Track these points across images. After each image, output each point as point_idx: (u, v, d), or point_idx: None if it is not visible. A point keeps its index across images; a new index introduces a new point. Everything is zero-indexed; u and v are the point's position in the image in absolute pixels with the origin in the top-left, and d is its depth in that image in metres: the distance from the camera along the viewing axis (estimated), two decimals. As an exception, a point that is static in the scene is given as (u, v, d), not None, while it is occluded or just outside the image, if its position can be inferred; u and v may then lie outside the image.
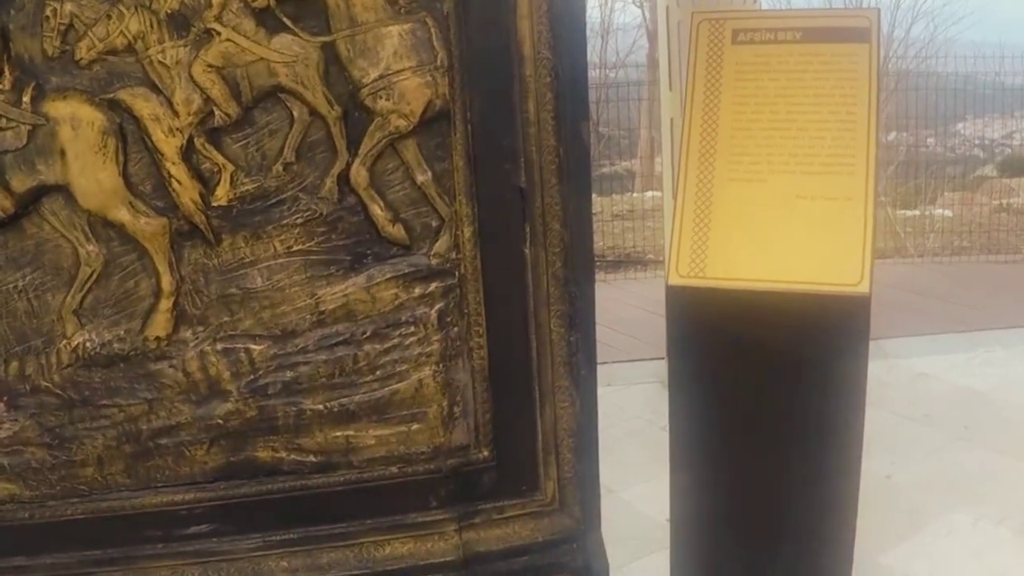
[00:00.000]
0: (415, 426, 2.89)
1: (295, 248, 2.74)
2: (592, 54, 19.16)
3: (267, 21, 2.63)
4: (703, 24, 3.26)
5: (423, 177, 2.73)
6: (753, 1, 5.46)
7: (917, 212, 13.72)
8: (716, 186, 3.08)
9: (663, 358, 4.88)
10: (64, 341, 2.74)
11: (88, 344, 2.74)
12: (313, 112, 2.67)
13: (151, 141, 2.64)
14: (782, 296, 2.94)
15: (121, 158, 2.64)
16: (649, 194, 12.86)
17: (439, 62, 2.67)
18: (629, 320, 7.70)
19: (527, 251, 2.80)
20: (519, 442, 2.94)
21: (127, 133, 2.64)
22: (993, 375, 6.67)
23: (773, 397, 3.08)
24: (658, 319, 3.61)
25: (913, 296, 8.90)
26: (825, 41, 3.20)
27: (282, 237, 2.73)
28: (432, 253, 2.78)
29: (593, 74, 18.89)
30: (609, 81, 16.86)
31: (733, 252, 3.02)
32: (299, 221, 2.73)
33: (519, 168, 2.74)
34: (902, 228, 12.26)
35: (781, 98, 3.14)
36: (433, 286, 2.80)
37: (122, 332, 2.75)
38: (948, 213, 13.61)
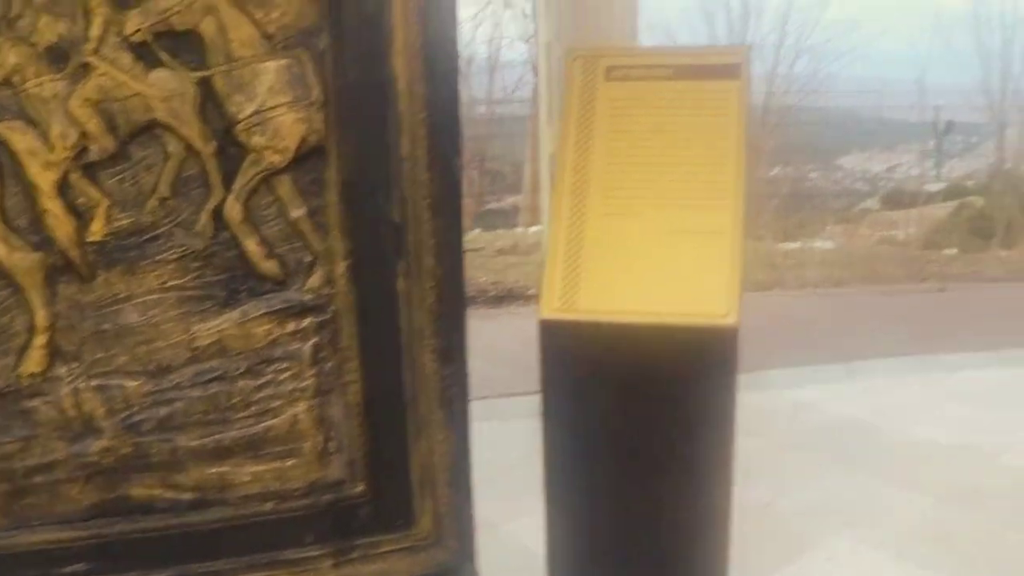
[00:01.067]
0: (290, 462, 2.87)
1: (170, 283, 2.72)
2: (479, 90, 19.31)
3: (144, 56, 2.62)
4: (578, 61, 3.32)
5: (297, 213, 2.74)
6: (632, 38, 5.51)
7: (798, 244, 13.98)
8: (589, 220, 3.13)
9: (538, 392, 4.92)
10: (-64, 379, 2.69)
11: (-39, 381, 2.69)
12: (188, 147, 2.66)
13: (27, 175, 2.60)
14: (652, 329, 2.99)
15: None
16: (533, 229, 12.96)
17: (314, 98, 2.68)
18: (511, 355, 7.66)
19: (400, 286, 2.81)
20: (395, 477, 2.94)
21: (2, 167, 2.60)
22: (870, 403, 6.84)
23: (644, 429, 3.13)
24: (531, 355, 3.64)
25: (793, 327, 9.07)
26: (697, 78, 3.26)
27: (157, 272, 2.71)
28: (306, 289, 2.78)
29: (480, 110, 19.03)
30: (496, 117, 16.98)
31: (605, 286, 3.07)
32: (174, 256, 2.71)
33: (393, 203, 2.76)
34: (783, 260, 12.46)
35: (654, 134, 3.20)
36: (307, 322, 2.80)
37: (-5, 368, 2.71)
38: (829, 245, 13.89)
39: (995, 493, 5.24)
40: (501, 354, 7.66)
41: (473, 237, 12.84)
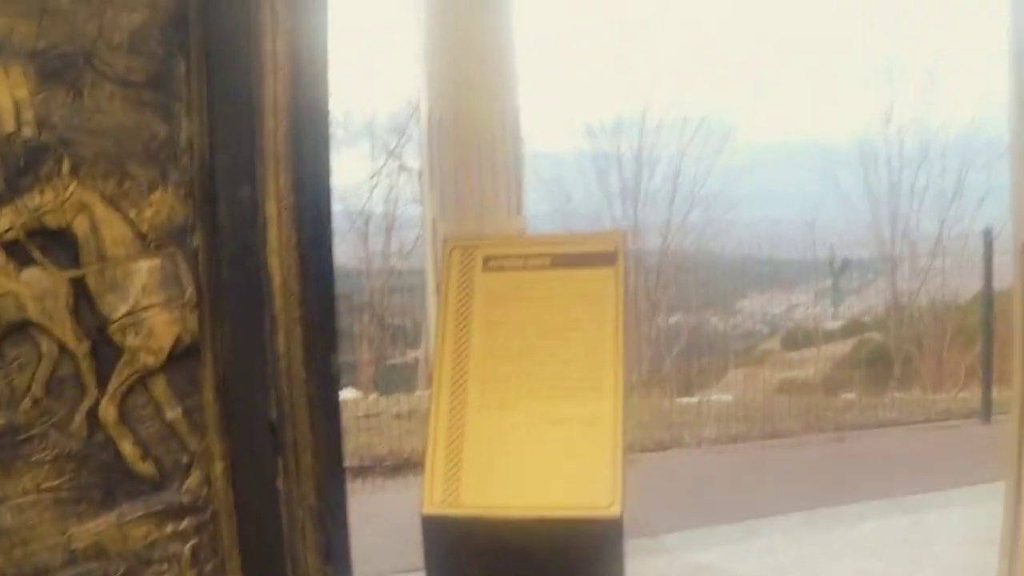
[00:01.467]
0: (179, 667, 2.78)
1: (45, 485, 2.65)
2: (377, 245, 19.39)
3: (17, 254, 2.59)
4: (455, 251, 3.35)
5: (172, 414, 2.70)
6: (518, 215, 5.57)
7: (696, 399, 14.06)
8: (468, 413, 3.14)
9: None
10: None
11: None
12: (62, 347, 2.63)
13: None
14: (537, 522, 2.98)
15: None
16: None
17: (188, 297, 2.67)
18: (408, 527, 7.63)
19: (280, 485, 2.76)
20: None
21: None
22: (771, 562, 6.89)
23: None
24: None
25: (691, 487, 9.09)
26: (573, 266, 3.31)
27: (32, 474, 2.64)
28: (183, 490, 2.72)
29: (378, 263, 19.10)
30: (395, 273, 17.04)
31: (486, 480, 3.07)
32: (49, 457, 2.64)
33: (270, 401, 2.73)
34: (680, 417, 12.52)
35: (531, 324, 3.24)
36: (185, 523, 2.73)
37: None
38: (727, 398, 13.99)
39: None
40: (396, 528, 7.57)
41: (371, 401, 12.80)
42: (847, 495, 8.39)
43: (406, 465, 9.94)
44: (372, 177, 19.90)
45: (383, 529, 6.41)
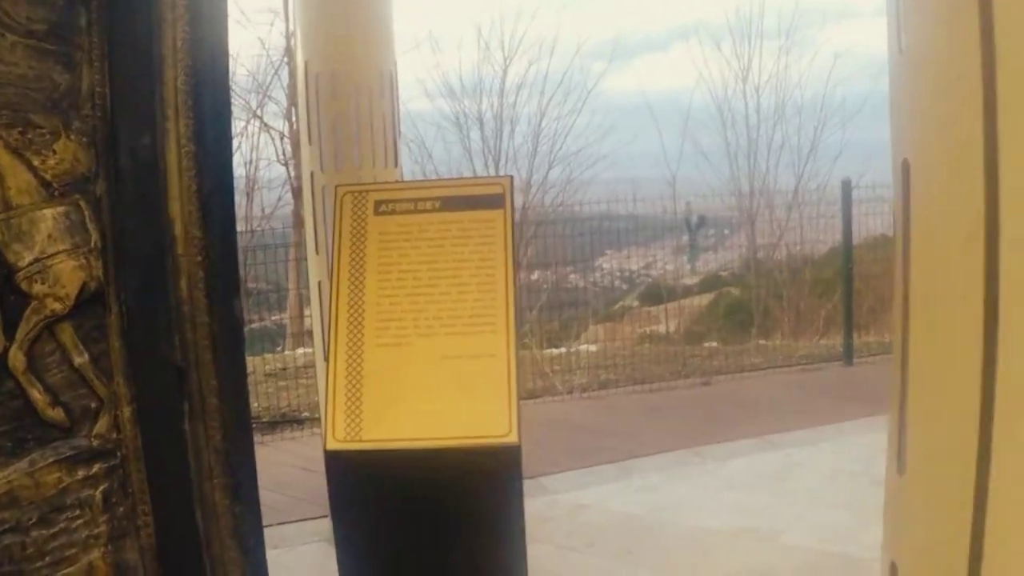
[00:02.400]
0: (88, 610, 2.81)
1: None
2: (238, 209, 19.10)
3: (-74, 206, 2.59)
4: (347, 196, 3.41)
5: (80, 359, 2.72)
6: (395, 167, 5.65)
7: (564, 350, 14.22)
8: (366, 351, 3.21)
9: (327, 516, 4.94)
10: None
11: None
12: None
13: None
14: (437, 452, 3.08)
15: None
16: (300, 351, 12.90)
17: (93, 244, 2.69)
18: (290, 481, 7.69)
19: (186, 427, 2.81)
20: None
21: None
22: (649, 499, 7.07)
23: (438, 548, 3.19)
24: (319, 477, 3.67)
25: (566, 432, 9.24)
26: (463, 209, 3.40)
27: (-59, 426, 2.65)
28: (93, 435, 2.75)
29: (239, 227, 18.82)
30: (256, 237, 16.86)
31: (387, 414, 3.14)
32: (-43, 408, 2.66)
33: (174, 346, 2.77)
34: (549, 367, 12.68)
35: (424, 264, 3.32)
36: (96, 468, 2.76)
37: None
38: (593, 348, 14.17)
39: (779, 573, 5.47)
40: (281, 481, 7.63)
41: (242, 361, 12.68)
42: (718, 435, 8.64)
43: (283, 420, 9.97)
44: (234, 138, 19.65)
45: (268, 483, 6.46)
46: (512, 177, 3.56)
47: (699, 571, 5.62)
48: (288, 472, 7.94)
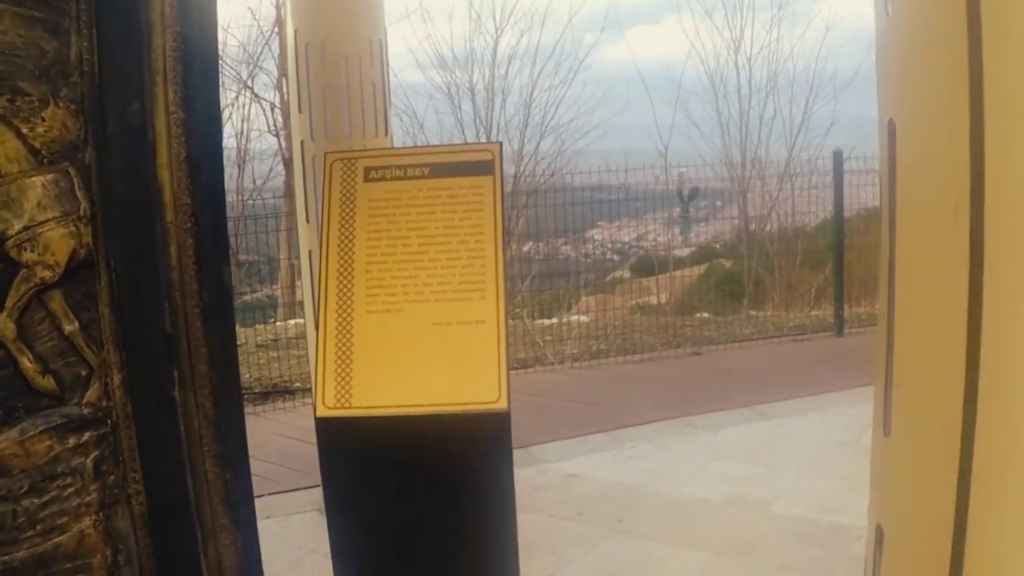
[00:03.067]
0: (81, 578, 2.83)
1: None
2: (229, 181, 19.12)
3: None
4: (336, 163, 3.41)
5: (70, 327, 2.73)
6: (385, 136, 5.65)
7: (555, 320, 14.24)
8: (356, 318, 3.22)
9: (318, 486, 4.96)
10: None
11: None
12: None
13: None
14: (427, 419, 3.09)
15: None
16: (292, 322, 12.91)
17: (82, 211, 2.69)
18: (281, 451, 7.71)
19: (176, 395, 2.82)
20: None
21: None
22: (639, 468, 7.09)
23: (429, 515, 3.21)
24: (310, 447, 3.69)
25: (557, 402, 9.26)
26: (452, 175, 3.40)
27: (-70, 393, 2.66)
28: (84, 403, 2.76)
29: (230, 199, 18.85)
30: (247, 208, 16.85)
31: (377, 381, 3.16)
32: (-53, 377, 2.66)
33: (164, 314, 2.78)
34: (541, 337, 12.69)
35: (413, 231, 3.32)
36: (87, 436, 2.77)
37: None
38: (585, 319, 14.20)
39: (768, 542, 5.50)
40: (272, 451, 7.65)
41: (232, 333, 12.70)
42: (709, 404, 8.67)
43: (274, 391, 9.99)
44: (225, 109, 19.61)
45: (260, 453, 6.48)
46: (501, 143, 3.56)
47: (689, 540, 5.65)
48: (279, 442, 7.96)
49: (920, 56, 1.93)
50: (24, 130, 2.66)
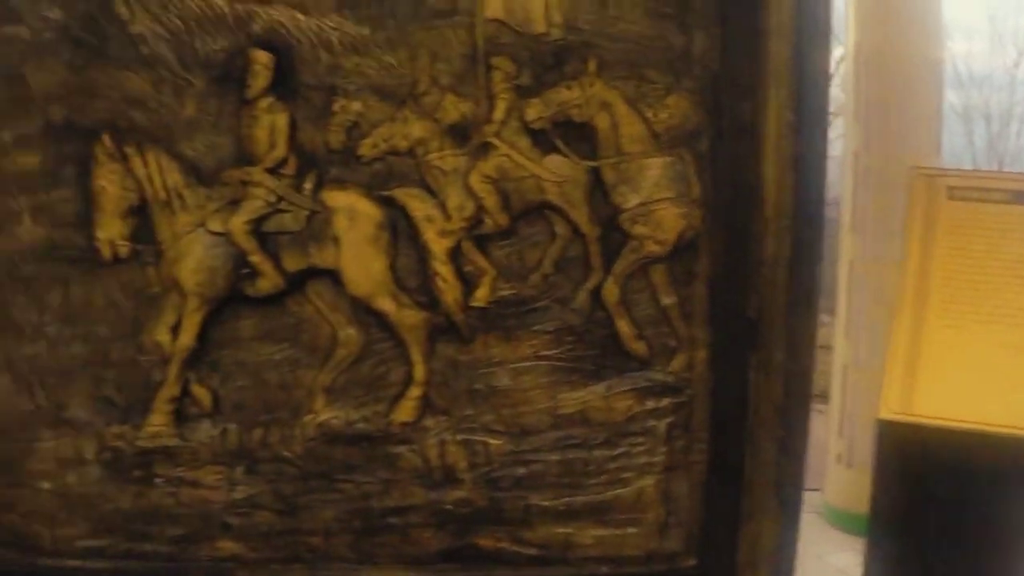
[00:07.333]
0: (631, 530, 3.02)
1: (543, 353, 2.93)
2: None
3: (541, 141, 2.88)
4: (920, 179, 3.42)
5: (668, 300, 2.93)
6: (936, 156, 5.52)
7: None
8: (926, 331, 3.23)
9: (818, 490, 4.99)
10: (311, 415, 2.94)
11: (335, 421, 2.95)
12: (574, 230, 2.89)
13: (422, 239, 2.88)
14: (988, 437, 3.07)
15: (392, 252, 2.88)
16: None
17: (694, 195, 2.88)
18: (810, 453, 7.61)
19: (752, 377, 2.94)
20: (723, 555, 3.04)
21: (398, 230, 2.88)
22: None
23: (979, 532, 3.17)
24: (816, 451, 3.68)
25: None
26: (1031, 203, 3.35)
27: (532, 342, 2.93)
28: (668, 371, 2.95)
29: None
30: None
31: (941, 392, 3.16)
32: (550, 329, 2.93)
33: (751, 301, 2.91)
34: None
35: (991, 254, 3.29)
36: (665, 401, 2.96)
37: (368, 413, 2.95)
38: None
39: None
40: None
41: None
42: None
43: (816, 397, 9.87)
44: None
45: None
46: (1087, 179, 3.46)
47: None
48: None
49: None
50: (648, 114, 2.89)
